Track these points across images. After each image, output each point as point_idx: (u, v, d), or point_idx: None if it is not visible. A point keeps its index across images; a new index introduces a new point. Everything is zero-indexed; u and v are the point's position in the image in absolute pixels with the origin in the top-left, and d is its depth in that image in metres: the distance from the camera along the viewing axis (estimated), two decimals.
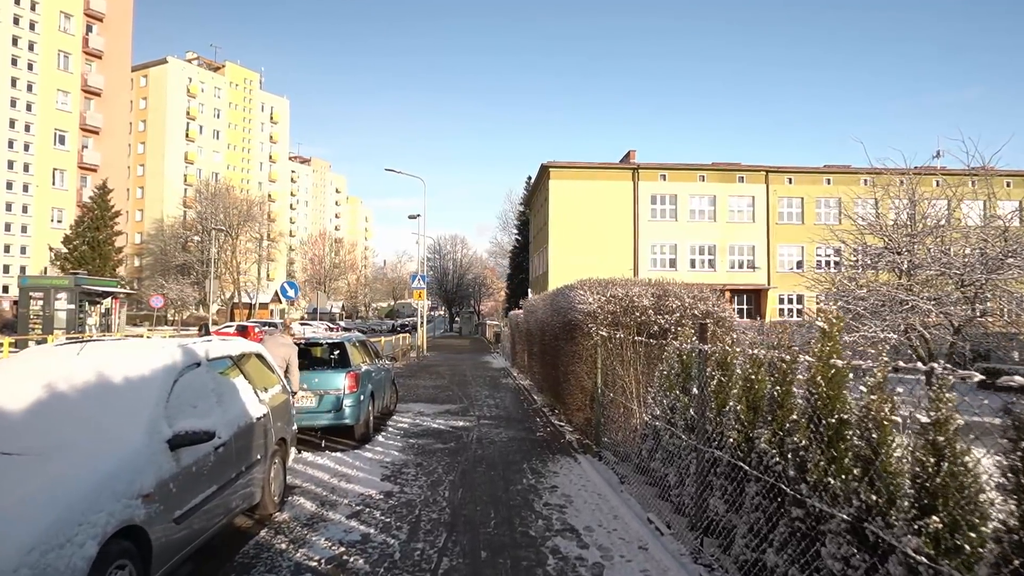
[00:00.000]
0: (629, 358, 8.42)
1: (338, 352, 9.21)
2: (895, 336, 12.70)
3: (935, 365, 2.91)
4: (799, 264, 44.61)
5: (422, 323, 32.23)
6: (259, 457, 5.40)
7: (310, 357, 9.51)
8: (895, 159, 18.45)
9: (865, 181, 45.49)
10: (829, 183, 45.42)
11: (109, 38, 52.22)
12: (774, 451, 4.52)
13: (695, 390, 5.73)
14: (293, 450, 6.57)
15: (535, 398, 13.94)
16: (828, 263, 45.24)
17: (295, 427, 6.78)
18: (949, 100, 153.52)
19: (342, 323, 70.98)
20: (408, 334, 36.70)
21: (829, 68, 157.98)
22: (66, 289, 28.63)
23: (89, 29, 51.56)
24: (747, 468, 4.69)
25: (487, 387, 16.57)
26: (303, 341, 9.40)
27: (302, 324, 52.27)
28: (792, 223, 45.43)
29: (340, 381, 8.76)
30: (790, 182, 45.61)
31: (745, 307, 43.62)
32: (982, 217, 15.71)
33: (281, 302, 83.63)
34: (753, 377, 5.05)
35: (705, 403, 5.14)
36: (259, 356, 6.38)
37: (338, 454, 8.29)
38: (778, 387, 4.56)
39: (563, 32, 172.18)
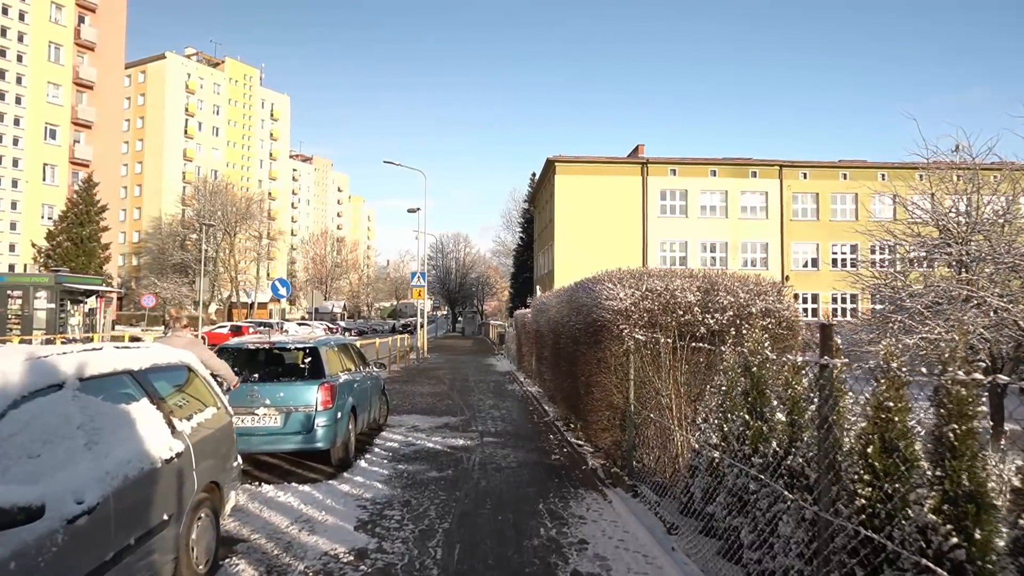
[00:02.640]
0: (668, 367, 6.78)
1: (310, 359, 7.53)
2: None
3: None
4: (814, 262, 43.16)
5: (423, 323, 30.57)
6: (167, 517, 3.76)
7: (276, 365, 7.87)
8: (942, 143, 16.67)
9: (883, 176, 44.02)
10: (845, 178, 43.89)
11: (102, 29, 50.63)
12: (950, 527, 2.87)
13: (812, 422, 4.10)
14: (233, 495, 4.93)
15: (546, 409, 12.29)
16: (845, 261, 43.69)
17: (238, 462, 5.13)
18: (952, 103, 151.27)
19: (342, 323, 69.42)
20: (408, 335, 35.13)
21: (835, 69, 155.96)
22: (46, 287, 27.04)
23: (81, 20, 49.97)
24: (897, 547, 3.03)
25: (491, 395, 14.92)
26: (268, 344, 7.75)
27: (300, 324, 50.76)
28: (807, 219, 43.89)
29: (312, 395, 7.11)
30: (804, 177, 43.98)
31: None
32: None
33: (280, 302, 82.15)
34: (891, 405, 3.40)
35: (832, 450, 3.45)
36: (187, 368, 4.74)
37: (306, 487, 6.64)
38: (955, 425, 2.91)
39: (568, 27, 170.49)
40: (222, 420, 4.90)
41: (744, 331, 6.74)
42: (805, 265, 43.41)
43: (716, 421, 5.54)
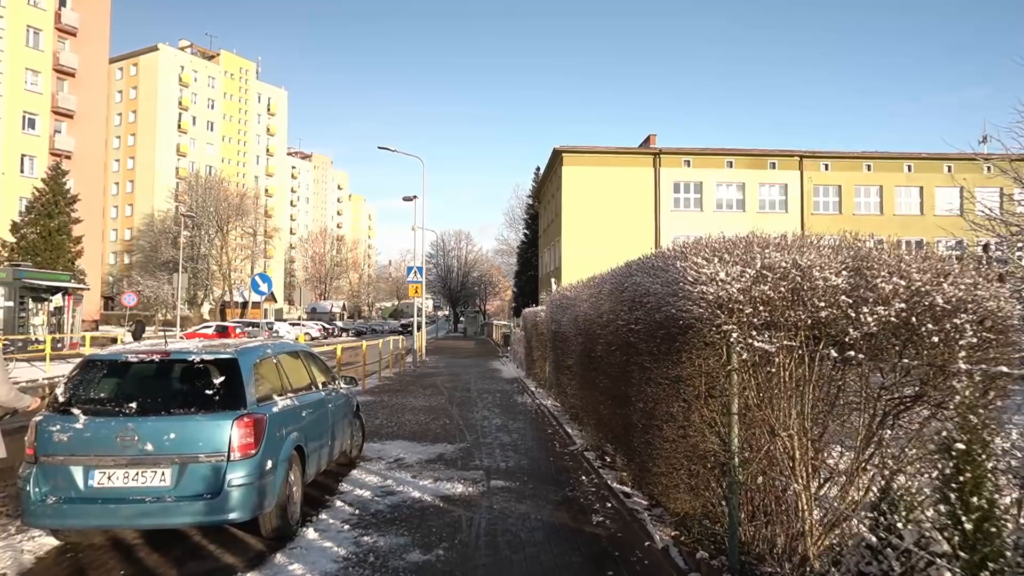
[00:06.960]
0: (790, 394, 4.15)
1: (223, 378, 4.77)
2: None
3: None
4: None
5: (420, 324, 27.91)
6: None
7: (172, 387, 5.02)
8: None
9: (909, 167, 41.25)
10: (869, 169, 41.24)
11: (84, 14, 47.99)
12: None
13: None
14: None
15: (568, 432, 9.65)
16: None
17: None
18: (952, 101, 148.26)
19: (340, 323, 66.85)
20: (406, 335, 32.61)
21: (830, 67, 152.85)
22: (3, 284, 24.46)
23: (62, 4, 47.27)
24: None
25: (498, 410, 12.29)
26: (160, 355, 5.01)
27: (293, 325, 48.14)
28: (829, 213, 41.31)
29: (222, 435, 4.48)
30: (826, 168, 41.33)
31: None
32: None
33: (276, 301, 79.48)
34: None
35: None
36: None
37: None
38: None
39: (575, 15, 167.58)
40: None
41: (924, 332, 4.14)
42: None
43: (946, 508, 2.91)
